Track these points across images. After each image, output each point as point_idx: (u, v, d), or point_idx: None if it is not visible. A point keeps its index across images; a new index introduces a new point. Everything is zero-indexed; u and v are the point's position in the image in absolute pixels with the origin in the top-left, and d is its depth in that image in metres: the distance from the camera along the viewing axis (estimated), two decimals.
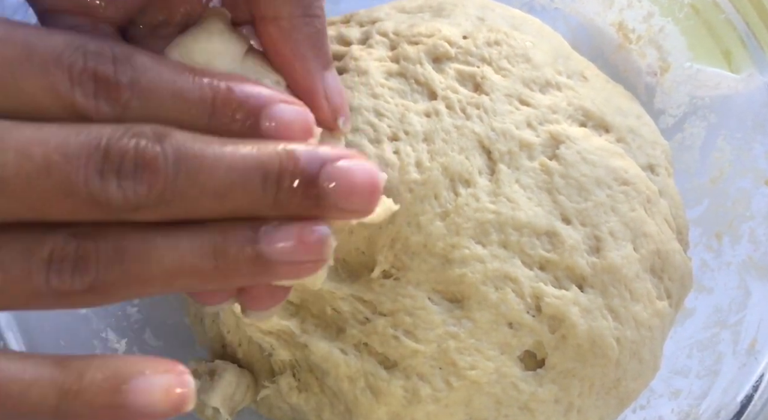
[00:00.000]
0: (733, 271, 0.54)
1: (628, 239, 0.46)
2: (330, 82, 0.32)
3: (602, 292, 0.45)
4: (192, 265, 0.28)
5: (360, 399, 0.44)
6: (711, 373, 0.51)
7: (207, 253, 0.28)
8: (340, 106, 0.32)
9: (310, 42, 0.31)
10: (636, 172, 0.48)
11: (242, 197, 0.28)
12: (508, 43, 0.50)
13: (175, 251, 0.28)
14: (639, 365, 0.47)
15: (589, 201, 0.46)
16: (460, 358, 0.43)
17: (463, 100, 0.47)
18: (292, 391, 0.47)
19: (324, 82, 0.32)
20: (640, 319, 0.46)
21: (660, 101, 0.59)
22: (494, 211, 0.44)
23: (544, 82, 0.49)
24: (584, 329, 0.44)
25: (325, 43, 0.32)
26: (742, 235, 0.55)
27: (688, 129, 0.58)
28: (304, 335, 0.45)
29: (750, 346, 0.51)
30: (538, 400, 0.44)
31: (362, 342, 0.44)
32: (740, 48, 0.56)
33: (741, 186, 0.55)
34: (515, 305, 0.44)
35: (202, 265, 0.28)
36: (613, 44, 0.60)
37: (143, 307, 0.55)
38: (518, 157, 0.46)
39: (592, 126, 0.50)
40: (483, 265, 0.44)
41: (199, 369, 0.48)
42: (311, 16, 0.31)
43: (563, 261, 0.45)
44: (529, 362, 0.45)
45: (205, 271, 0.28)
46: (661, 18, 0.58)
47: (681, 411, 0.51)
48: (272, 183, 0.28)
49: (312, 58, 0.31)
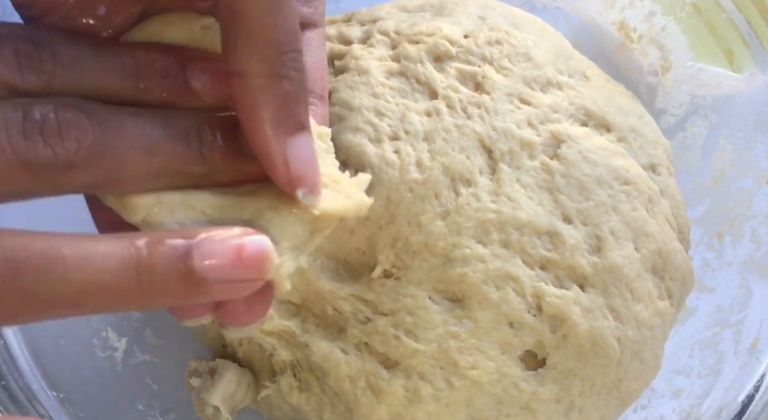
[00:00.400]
0: (735, 271, 0.54)
1: (629, 239, 0.46)
2: (294, 150, 0.29)
3: (603, 292, 0.45)
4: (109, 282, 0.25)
5: (361, 399, 0.44)
6: (712, 372, 0.51)
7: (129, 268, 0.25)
8: (302, 176, 0.29)
9: (276, 105, 0.28)
10: (637, 172, 0.48)
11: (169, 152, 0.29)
12: (509, 42, 0.50)
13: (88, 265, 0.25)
14: (640, 365, 0.47)
15: (591, 200, 0.46)
16: (461, 357, 0.43)
17: (464, 99, 0.47)
18: (293, 391, 0.46)
19: (287, 149, 0.29)
20: (642, 319, 0.46)
21: (661, 101, 0.59)
22: (495, 211, 0.44)
23: (545, 81, 0.49)
24: (585, 329, 0.44)
25: (295, 107, 0.29)
26: (744, 234, 0.55)
27: (690, 128, 0.58)
28: (305, 335, 0.45)
29: (751, 345, 0.51)
30: (539, 400, 0.44)
31: (363, 342, 0.44)
32: (742, 47, 0.55)
33: (742, 185, 0.55)
34: (516, 305, 0.44)
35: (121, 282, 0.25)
36: (615, 43, 0.60)
37: None
38: (519, 157, 0.46)
39: (593, 125, 0.49)
40: (484, 264, 0.44)
41: (200, 367, 0.48)
42: (280, 76, 0.28)
43: (564, 260, 0.44)
44: (530, 362, 0.45)
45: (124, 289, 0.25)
46: (663, 17, 0.58)
47: (682, 411, 0.51)
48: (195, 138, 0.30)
49: (273, 124, 0.28)
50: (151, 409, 0.51)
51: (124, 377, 0.52)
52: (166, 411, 0.52)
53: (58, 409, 0.48)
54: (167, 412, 0.52)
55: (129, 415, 0.51)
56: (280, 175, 0.29)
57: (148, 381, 0.52)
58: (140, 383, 0.52)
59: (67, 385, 0.49)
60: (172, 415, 0.52)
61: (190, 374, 0.48)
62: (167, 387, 0.52)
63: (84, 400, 0.49)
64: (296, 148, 0.29)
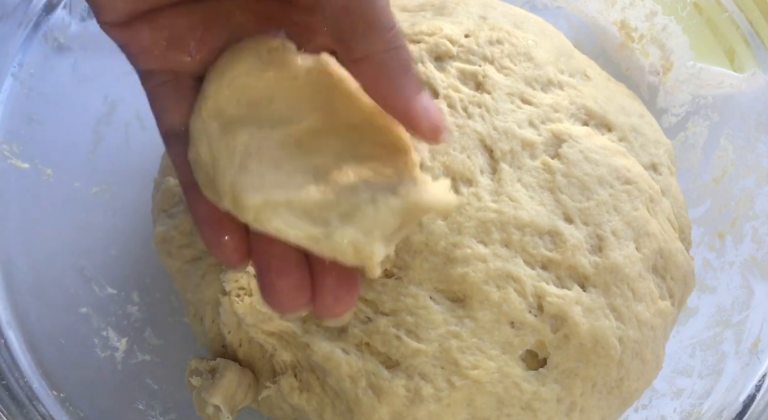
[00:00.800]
0: (736, 271, 0.54)
1: (630, 238, 0.46)
2: (425, 103, 0.33)
3: (604, 292, 0.45)
4: None
5: (362, 399, 0.44)
6: (714, 372, 0.51)
7: None
8: (439, 121, 0.33)
9: (402, 71, 0.33)
10: (638, 171, 0.48)
11: None
12: (510, 41, 0.50)
13: None
14: (641, 365, 0.47)
15: (592, 200, 0.46)
16: (462, 357, 0.43)
17: (465, 98, 0.47)
18: (294, 392, 0.46)
19: (424, 104, 0.33)
20: (643, 319, 0.46)
21: (663, 100, 0.59)
22: (496, 210, 0.44)
23: (546, 80, 0.49)
24: (586, 329, 0.44)
25: (413, 69, 0.34)
26: (745, 234, 0.55)
27: (691, 128, 0.58)
28: (306, 335, 0.45)
29: (753, 345, 0.51)
30: (541, 400, 0.44)
31: (364, 342, 0.44)
32: (743, 46, 0.55)
33: (744, 185, 0.55)
34: (517, 304, 0.43)
35: None
36: (616, 43, 0.60)
37: (144, 307, 0.55)
38: (520, 156, 0.46)
39: (594, 125, 0.49)
40: (485, 264, 0.44)
41: (200, 367, 0.48)
42: (395, 48, 0.33)
43: (565, 260, 0.44)
44: (531, 362, 0.45)
45: None
46: (664, 17, 0.58)
47: (683, 410, 0.51)
48: None
49: (406, 84, 0.33)
50: (151, 408, 0.51)
51: (125, 377, 0.52)
52: (166, 411, 0.52)
53: (59, 408, 0.48)
54: (167, 412, 0.52)
55: (129, 414, 0.51)
56: (422, 127, 0.33)
57: (148, 381, 0.52)
58: (140, 383, 0.52)
59: (67, 384, 0.49)
60: (173, 414, 0.52)
61: (191, 373, 0.48)
62: (167, 387, 0.52)
63: (84, 400, 0.49)
64: (426, 101, 0.33)
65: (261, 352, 0.48)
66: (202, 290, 0.49)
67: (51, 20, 0.54)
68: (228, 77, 0.34)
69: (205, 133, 0.33)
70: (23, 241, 0.51)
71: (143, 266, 0.56)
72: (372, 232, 0.32)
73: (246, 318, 0.45)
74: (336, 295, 0.34)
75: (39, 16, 0.53)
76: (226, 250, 0.35)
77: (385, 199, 0.32)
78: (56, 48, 0.54)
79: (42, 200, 0.53)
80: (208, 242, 0.35)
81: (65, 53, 0.55)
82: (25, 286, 0.50)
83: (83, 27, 0.55)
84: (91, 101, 0.56)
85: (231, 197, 0.32)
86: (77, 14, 0.55)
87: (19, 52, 0.53)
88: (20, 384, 0.47)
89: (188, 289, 0.50)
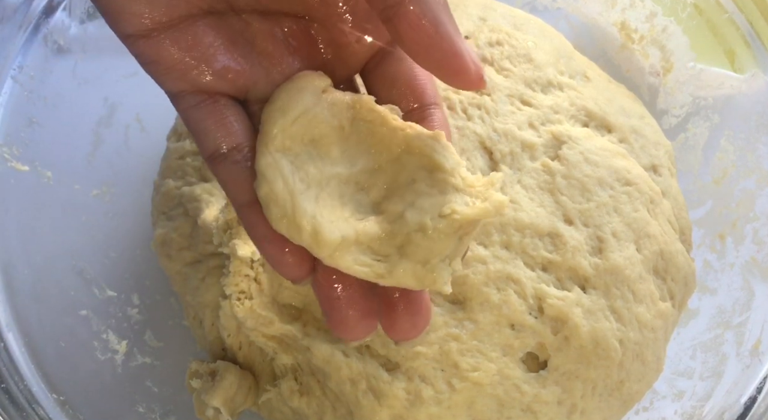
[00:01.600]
0: (737, 272, 0.54)
1: (630, 240, 0.46)
2: (466, 44, 0.33)
3: (605, 294, 0.45)
4: None
5: (362, 401, 0.44)
6: (715, 374, 0.51)
7: None
8: (479, 63, 0.34)
9: (442, 7, 0.33)
10: (639, 173, 0.48)
11: None
12: (509, 43, 0.50)
13: None
14: (642, 367, 0.47)
15: (592, 201, 0.46)
16: (463, 359, 0.43)
17: (465, 100, 0.47)
18: (294, 395, 0.46)
19: (465, 43, 0.33)
20: (644, 321, 0.46)
21: (663, 101, 0.59)
22: None
23: (546, 82, 0.49)
24: (587, 330, 0.44)
25: (449, 9, 0.34)
26: (746, 236, 0.54)
27: (692, 129, 0.58)
28: (306, 338, 0.45)
29: (754, 347, 0.51)
30: (541, 402, 0.44)
31: (364, 344, 0.44)
32: (743, 48, 0.55)
33: (745, 187, 0.55)
34: (517, 306, 0.43)
35: None
36: (616, 44, 0.60)
37: (143, 309, 0.55)
38: (520, 158, 0.46)
39: (594, 126, 0.49)
40: (485, 266, 0.43)
41: (201, 369, 0.48)
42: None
43: (566, 262, 0.44)
44: (532, 364, 0.45)
45: None
46: (664, 18, 0.58)
47: (684, 412, 0.50)
48: None
49: (449, 23, 0.33)
50: (151, 411, 0.51)
51: (125, 380, 0.52)
52: (166, 413, 0.51)
53: (58, 411, 0.47)
54: (167, 415, 0.51)
55: (129, 417, 0.51)
56: (469, 68, 0.33)
57: (148, 383, 0.52)
58: (140, 386, 0.52)
59: (67, 387, 0.49)
60: (173, 417, 0.51)
61: (191, 376, 0.48)
62: (167, 389, 0.52)
63: (84, 403, 0.49)
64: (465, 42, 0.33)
65: (261, 355, 0.48)
66: (201, 293, 0.49)
67: (51, 23, 0.54)
68: (291, 115, 0.34)
69: (278, 170, 0.33)
70: (23, 243, 0.51)
71: (143, 269, 0.56)
72: (429, 260, 0.33)
73: (246, 322, 0.45)
74: (413, 322, 0.36)
75: (39, 19, 0.53)
76: (292, 266, 0.34)
77: (433, 225, 0.33)
78: (56, 50, 0.54)
79: (42, 203, 0.53)
80: (272, 260, 0.35)
81: (65, 55, 0.55)
82: (24, 288, 0.50)
83: (83, 29, 0.55)
84: (91, 103, 0.56)
85: (311, 233, 0.33)
86: (77, 17, 0.55)
87: (19, 54, 0.53)
88: (20, 387, 0.47)
89: (188, 291, 0.50)
